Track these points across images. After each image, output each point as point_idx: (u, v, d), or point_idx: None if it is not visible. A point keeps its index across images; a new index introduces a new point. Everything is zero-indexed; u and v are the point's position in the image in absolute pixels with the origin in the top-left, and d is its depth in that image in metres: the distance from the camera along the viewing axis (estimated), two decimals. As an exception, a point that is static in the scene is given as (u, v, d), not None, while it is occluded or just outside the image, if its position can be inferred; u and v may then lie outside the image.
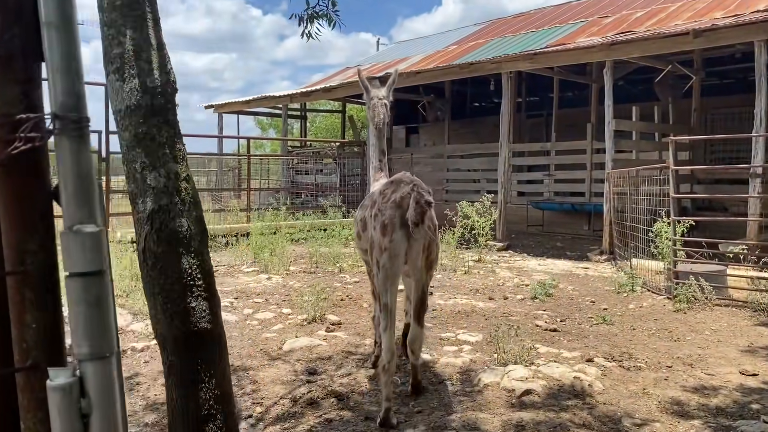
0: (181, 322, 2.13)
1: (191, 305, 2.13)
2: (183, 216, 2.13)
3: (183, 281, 2.12)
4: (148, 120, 2.09)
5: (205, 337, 2.18)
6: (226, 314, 6.28)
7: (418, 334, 3.93)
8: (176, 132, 2.18)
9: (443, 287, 7.92)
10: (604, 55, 10.61)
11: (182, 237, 2.12)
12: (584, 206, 13.61)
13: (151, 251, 2.11)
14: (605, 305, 6.89)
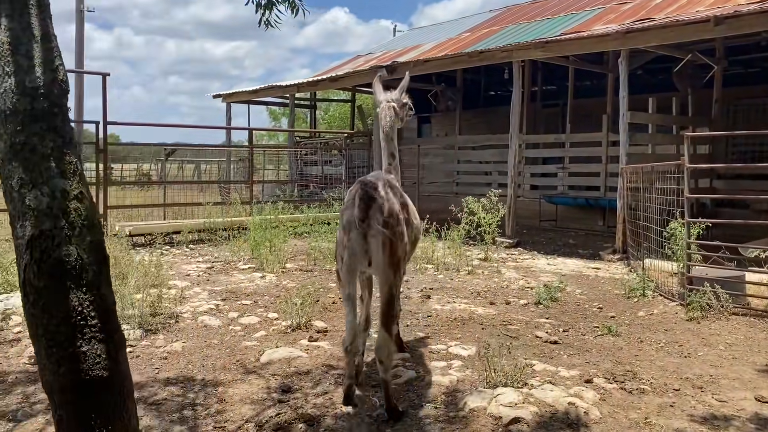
0: (69, 370, 1.77)
1: (82, 349, 1.78)
2: (72, 243, 1.77)
3: (72, 321, 1.77)
4: (27, 127, 1.73)
5: (100, 386, 1.82)
6: (209, 318, 5.97)
7: (384, 342, 3.70)
8: (66, 141, 1.81)
9: (443, 289, 7.53)
10: (620, 44, 10.07)
11: (70, 268, 1.76)
12: (599, 201, 13.10)
13: (32, 285, 1.76)
14: (613, 312, 6.46)
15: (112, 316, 1.92)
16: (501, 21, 17.73)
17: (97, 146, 11.10)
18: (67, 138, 1.82)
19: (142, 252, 10.27)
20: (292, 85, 16.43)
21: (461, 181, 16.62)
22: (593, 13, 14.29)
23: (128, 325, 5.58)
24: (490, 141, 15.81)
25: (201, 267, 8.97)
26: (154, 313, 5.92)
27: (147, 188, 18.88)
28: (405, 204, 4.13)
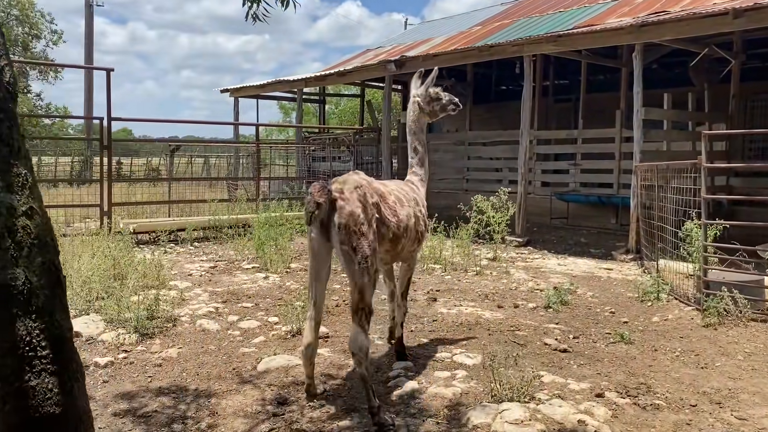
0: (16, 407, 1.58)
1: (30, 384, 1.59)
2: (19, 265, 1.58)
3: (18, 353, 1.58)
4: (-36, 136, 1.53)
5: (52, 424, 1.63)
6: (208, 322, 5.80)
7: (354, 336, 3.74)
8: (14, 150, 1.62)
9: (450, 291, 7.32)
10: (634, 38, 9.78)
11: (17, 293, 1.57)
12: (611, 199, 12.82)
13: (-27, 313, 1.56)
14: (626, 317, 6.22)
15: (67, 345, 1.73)
16: (512, 14, 17.42)
17: (101, 142, 10.96)
18: (14, 147, 1.63)
19: (146, 250, 10.16)
20: (299, 79, 16.23)
21: (471, 177, 16.36)
22: (606, 6, 13.97)
23: (124, 329, 5.44)
24: (500, 137, 15.55)
25: (204, 266, 8.82)
26: (152, 317, 5.76)
27: (156, 184, 18.80)
28: (399, 200, 4.30)
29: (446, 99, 5.01)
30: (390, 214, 4.09)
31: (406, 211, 4.32)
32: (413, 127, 4.97)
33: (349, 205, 3.73)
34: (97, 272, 6.62)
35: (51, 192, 15.97)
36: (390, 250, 4.26)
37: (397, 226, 4.15)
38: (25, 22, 32.82)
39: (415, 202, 4.62)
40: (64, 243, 8.20)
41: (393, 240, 4.16)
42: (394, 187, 4.54)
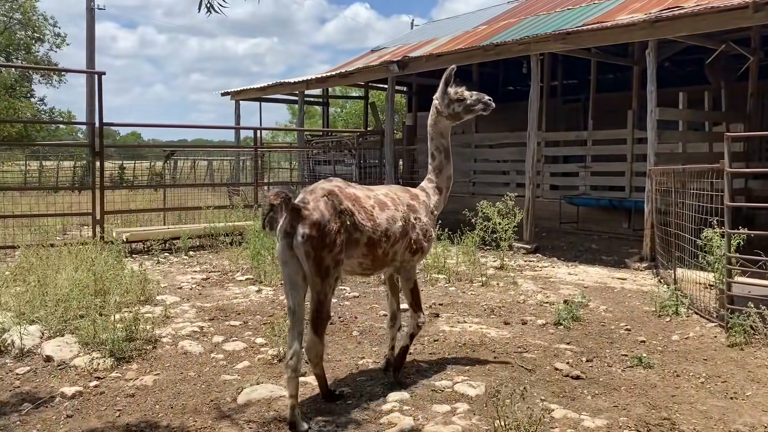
0: None
1: None
2: None
3: None
4: None
5: None
6: (191, 343, 5.38)
7: (311, 344, 3.88)
8: None
9: (454, 305, 6.87)
10: (647, 34, 9.28)
11: None
12: (623, 202, 12.31)
13: None
14: (643, 335, 5.75)
15: None
16: (519, 13, 16.94)
17: (92, 148, 10.59)
18: None
19: (139, 260, 9.76)
20: (301, 81, 15.80)
21: (478, 180, 15.90)
22: (617, 2, 13.46)
23: (99, 353, 5.02)
24: (507, 139, 15.07)
25: (196, 278, 8.42)
26: (130, 338, 5.34)
27: (157, 190, 18.42)
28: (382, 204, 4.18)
29: (471, 99, 4.55)
30: (365, 218, 3.99)
31: (387, 215, 4.15)
32: (430, 131, 4.70)
33: (313, 216, 3.73)
34: (77, 287, 6.21)
35: (48, 199, 15.59)
36: (368, 255, 4.08)
37: (373, 230, 4.02)
38: (28, 25, 32.61)
39: (410, 209, 4.37)
40: (50, 254, 7.82)
41: (369, 245, 4.03)
42: (381, 192, 4.38)
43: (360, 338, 5.62)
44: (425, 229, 4.42)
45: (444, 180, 4.70)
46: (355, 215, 3.93)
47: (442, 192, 4.69)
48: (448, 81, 4.57)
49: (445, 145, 4.67)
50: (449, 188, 4.76)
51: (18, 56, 33.12)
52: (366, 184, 13.63)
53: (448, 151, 4.70)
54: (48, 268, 7.20)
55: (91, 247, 8.85)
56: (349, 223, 3.88)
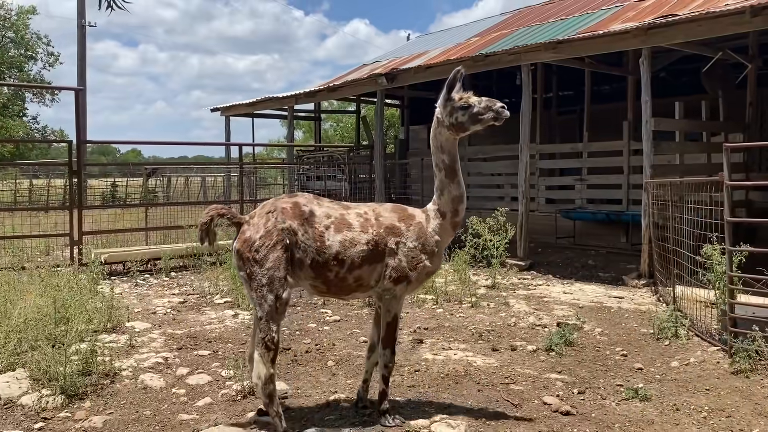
0: None
1: None
2: None
3: None
4: None
5: None
6: (152, 377, 4.98)
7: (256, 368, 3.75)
8: None
9: (440, 329, 6.46)
10: (640, 42, 8.95)
11: None
12: (621, 216, 11.93)
13: None
14: (640, 361, 5.35)
15: None
16: (512, 24, 16.67)
17: (70, 167, 10.21)
18: None
19: (117, 282, 9.38)
20: (289, 96, 15.48)
21: (472, 194, 15.44)
22: (610, 11, 13.18)
23: (49, 390, 4.62)
24: (501, 152, 14.72)
25: (173, 301, 8.02)
26: (87, 372, 4.95)
27: (149, 208, 18.03)
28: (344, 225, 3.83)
29: (480, 106, 3.82)
30: (309, 239, 3.74)
31: (342, 238, 3.79)
32: (431, 144, 4.08)
33: (248, 231, 3.71)
34: (35, 316, 5.81)
35: (36, 219, 15.19)
36: (317, 278, 3.83)
37: (318, 252, 3.74)
38: (21, 44, 32.44)
39: (390, 232, 3.89)
40: (16, 279, 7.42)
41: (315, 267, 3.77)
42: (357, 211, 3.95)
43: (335, 369, 5.21)
44: (412, 257, 3.88)
45: (447, 202, 3.99)
46: (298, 234, 3.72)
47: (446, 216, 3.99)
48: (452, 85, 3.89)
49: (447, 161, 3.96)
50: (458, 212, 4.02)
51: (11, 75, 32.94)
52: (358, 200, 13.29)
53: (451, 168, 3.96)
54: (11, 293, 6.80)
55: (62, 270, 8.50)
56: (289, 241, 3.69)
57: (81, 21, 25.12)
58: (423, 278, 4.00)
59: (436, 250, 3.98)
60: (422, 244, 3.90)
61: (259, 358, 3.69)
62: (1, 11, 31.41)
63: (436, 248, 3.97)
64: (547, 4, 17.88)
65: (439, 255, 4.03)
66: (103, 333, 6.30)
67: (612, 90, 16.64)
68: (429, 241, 3.93)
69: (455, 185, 3.97)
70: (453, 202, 3.99)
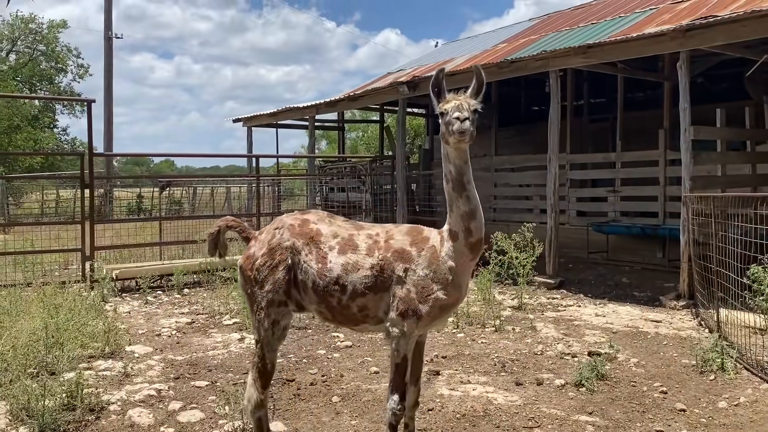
0: None
1: None
2: None
3: None
4: None
5: None
6: (141, 412, 4.56)
7: (247, 399, 3.64)
8: None
9: (459, 358, 5.94)
10: (678, 45, 8.34)
11: None
12: (657, 230, 11.25)
13: None
14: (682, 400, 4.76)
15: None
16: (540, 29, 16.09)
17: (82, 179, 9.95)
18: None
19: (128, 300, 9.07)
20: (310, 106, 15.13)
21: (499, 206, 14.96)
22: (644, 14, 12.54)
23: (26, 428, 4.23)
24: (530, 162, 14.13)
25: (180, 322, 7.65)
26: (71, 406, 4.55)
27: (170, 221, 17.81)
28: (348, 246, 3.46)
29: (451, 115, 3.14)
30: (312, 260, 3.47)
31: (345, 260, 3.42)
32: (441, 153, 3.41)
33: (252, 247, 3.59)
34: (26, 341, 5.46)
35: (58, 233, 15.05)
36: (321, 303, 3.51)
37: (319, 275, 3.44)
38: (51, 56, 32.82)
39: (398, 257, 3.38)
40: (18, 298, 7.10)
41: (316, 291, 3.47)
42: (369, 231, 3.55)
43: (340, 406, 4.73)
44: (422, 286, 3.31)
45: (457, 220, 3.32)
46: (301, 254, 3.49)
47: (458, 236, 3.31)
48: (435, 89, 3.30)
49: (453, 173, 3.28)
50: (470, 231, 3.29)
51: (42, 87, 33.35)
52: (380, 212, 12.75)
53: (458, 181, 3.28)
54: (11, 314, 6.48)
55: (70, 287, 8.19)
56: (292, 261, 3.49)
57: (108, 33, 25.32)
58: (437, 313, 3.36)
59: (450, 279, 3.33)
60: (434, 272, 3.33)
61: (252, 382, 3.58)
62: (33, 25, 31.99)
63: (450, 276, 3.33)
64: (577, 9, 17.28)
65: (455, 285, 3.36)
66: (100, 359, 5.94)
67: (647, 97, 15.95)
68: (441, 268, 3.33)
69: (463, 200, 3.29)
70: (462, 219, 3.31)
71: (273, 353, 3.57)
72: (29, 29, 32.57)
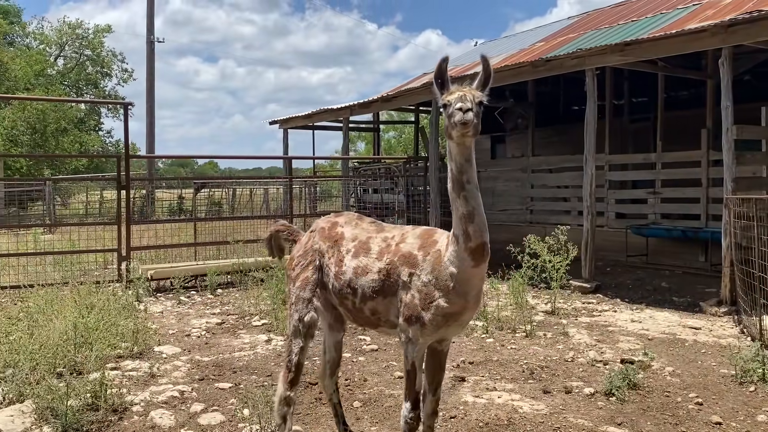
0: None
1: None
2: None
3: None
4: None
5: None
6: (163, 414, 4.57)
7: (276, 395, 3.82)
8: None
9: (486, 364, 5.81)
10: (720, 41, 8.03)
11: None
12: (699, 233, 10.88)
13: None
14: (718, 412, 4.54)
15: None
16: (579, 28, 15.76)
17: (118, 182, 10.14)
18: None
19: (162, 300, 9.19)
20: (344, 107, 15.12)
21: (536, 208, 14.70)
22: (687, 10, 12.16)
23: (50, 428, 4.28)
24: (568, 162, 13.83)
25: (211, 322, 7.70)
26: (95, 406, 4.59)
27: (212, 221, 17.99)
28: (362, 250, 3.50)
29: (454, 106, 2.92)
30: (332, 263, 3.60)
31: (357, 264, 3.46)
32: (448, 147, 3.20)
33: (295, 248, 3.89)
34: (57, 341, 5.54)
35: (101, 233, 15.37)
36: (341, 305, 3.63)
37: (336, 277, 3.55)
38: (97, 61, 33.69)
39: (405, 261, 3.27)
40: (55, 297, 7.24)
41: (335, 293, 3.59)
42: (386, 234, 3.52)
43: (361, 411, 4.67)
44: (425, 293, 3.15)
45: (457, 223, 3.06)
46: (325, 257, 3.66)
47: (459, 240, 3.05)
48: (439, 79, 3.08)
49: (454, 171, 3.04)
50: (469, 235, 3.01)
51: (88, 91, 34.26)
52: (414, 213, 12.60)
53: (457, 180, 3.02)
54: (45, 313, 6.60)
55: (104, 287, 8.31)
56: (319, 263, 3.69)
57: (150, 37, 25.79)
58: (440, 322, 3.15)
59: (450, 285, 3.09)
60: (436, 278, 3.14)
61: (281, 377, 3.75)
62: (79, 30, 32.93)
63: (451, 283, 3.09)
64: (617, 6, 16.86)
65: (458, 293, 3.10)
66: (128, 359, 6.00)
67: (690, 95, 15.45)
68: (443, 273, 3.12)
69: (461, 201, 3.03)
70: (461, 222, 3.04)
71: (300, 351, 3.67)
72: (76, 34, 33.54)
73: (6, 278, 9.59)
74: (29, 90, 29.94)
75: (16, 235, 14.61)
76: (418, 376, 3.32)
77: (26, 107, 28.03)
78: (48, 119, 28.55)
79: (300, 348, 3.66)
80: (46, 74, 32.43)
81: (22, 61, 31.36)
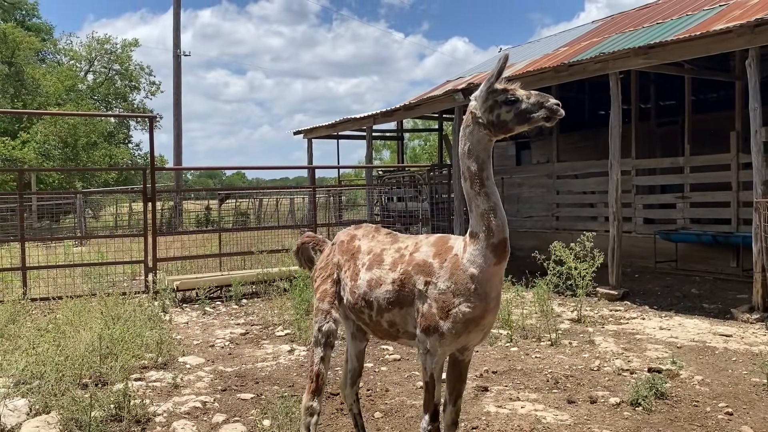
0: None
1: None
2: None
3: None
4: None
5: None
6: (185, 425, 4.59)
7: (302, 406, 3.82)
8: None
9: (510, 374, 5.73)
10: (746, 42, 7.87)
11: None
12: (729, 237, 10.64)
13: None
14: (749, 424, 4.41)
15: None
16: (603, 31, 15.59)
17: (144, 194, 10.28)
18: None
19: (187, 310, 9.27)
20: (367, 116, 15.17)
21: (562, 214, 14.52)
22: (713, 11, 11.94)
23: (74, 438, 4.32)
24: (594, 167, 13.65)
25: (235, 333, 7.74)
26: (118, 417, 4.63)
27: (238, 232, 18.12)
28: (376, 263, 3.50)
29: (529, 102, 2.96)
30: (348, 276, 3.63)
31: (371, 276, 3.47)
32: (459, 147, 3.16)
33: (318, 260, 3.98)
34: (82, 352, 5.61)
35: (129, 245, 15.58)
36: (359, 318, 3.65)
37: (351, 291, 3.58)
38: (125, 75, 34.32)
39: (419, 270, 3.24)
40: (83, 308, 7.35)
41: (350, 306, 3.62)
42: (399, 245, 3.51)
43: (382, 422, 4.63)
44: (443, 301, 3.09)
45: (477, 220, 3.05)
46: (341, 270, 3.71)
47: (479, 237, 3.03)
48: (501, 73, 3.02)
49: (474, 169, 3.03)
50: (492, 231, 3.00)
51: (117, 104, 34.91)
52: (437, 220, 12.53)
53: (478, 177, 3.03)
54: (73, 324, 6.70)
55: (130, 298, 8.40)
56: (337, 276, 3.73)
57: (176, 51, 26.21)
58: (461, 329, 3.08)
59: (472, 288, 3.03)
60: (454, 283, 3.08)
61: (306, 387, 3.76)
62: (108, 45, 33.63)
63: (473, 285, 3.03)
64: (642, 9, 16.64)
65: (479, 295, 3.05)
66: (152, 369, 6.06)
67: (719, 98, 15.19)
68: (462, 277, 3.06)
69: (482, 197, 3.03)
70: (483, 218, 3.03)
71: (320, 360, 3.68)
72: (104, 50, 34.24)
73: (36, 290, 9.76)
74: (60, 105, 30.63)
75: (47, 247, 14.89)
76: (437, 388, 3.28)
77: (57, 122, 28.67)
78: (79, 133, 29.16)
79: (320, 357, 3.68)
80: (76, 89, 33.17)
81: (53, 77, 32.15)
